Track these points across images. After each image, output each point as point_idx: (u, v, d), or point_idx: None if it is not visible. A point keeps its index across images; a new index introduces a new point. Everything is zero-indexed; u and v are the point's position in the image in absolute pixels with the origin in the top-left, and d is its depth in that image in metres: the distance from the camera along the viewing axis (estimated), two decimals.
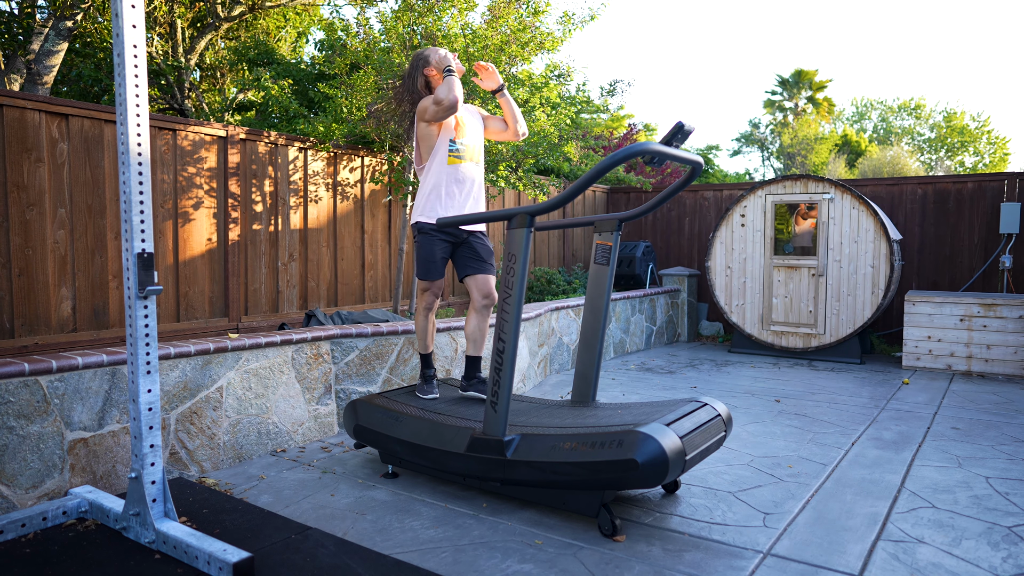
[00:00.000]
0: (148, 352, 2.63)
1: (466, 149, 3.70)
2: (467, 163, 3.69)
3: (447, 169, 3.64)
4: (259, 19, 10.93)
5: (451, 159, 3.64)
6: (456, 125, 3.68)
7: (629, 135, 16.05)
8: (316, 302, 6.28)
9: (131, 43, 2.54)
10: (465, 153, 3.69)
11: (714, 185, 9.36)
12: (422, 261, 3.71)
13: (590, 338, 3.54)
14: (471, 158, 3.72)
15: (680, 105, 77.84)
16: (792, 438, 4.22)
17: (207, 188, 5.45)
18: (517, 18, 6.18)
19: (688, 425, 2.92)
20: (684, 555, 2.65)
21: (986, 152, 31.20)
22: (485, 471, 3.07)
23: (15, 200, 4.36)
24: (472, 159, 3.72)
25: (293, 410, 4.02)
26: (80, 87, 9.85)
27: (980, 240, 7.62)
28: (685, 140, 2.92)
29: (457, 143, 3.66)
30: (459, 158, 3.66)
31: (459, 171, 3.66)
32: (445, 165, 3.64)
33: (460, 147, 3.66)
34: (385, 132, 6.46)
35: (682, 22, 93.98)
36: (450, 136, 3.65)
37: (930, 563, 2.58)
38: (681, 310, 8.63)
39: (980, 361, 6.43)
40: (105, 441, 3.21)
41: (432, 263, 3.69)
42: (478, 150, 3.79)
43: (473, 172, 3.73)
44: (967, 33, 76.59)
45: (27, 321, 4.42)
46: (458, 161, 3.65)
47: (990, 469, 3.66)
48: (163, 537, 2.59)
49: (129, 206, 2.57)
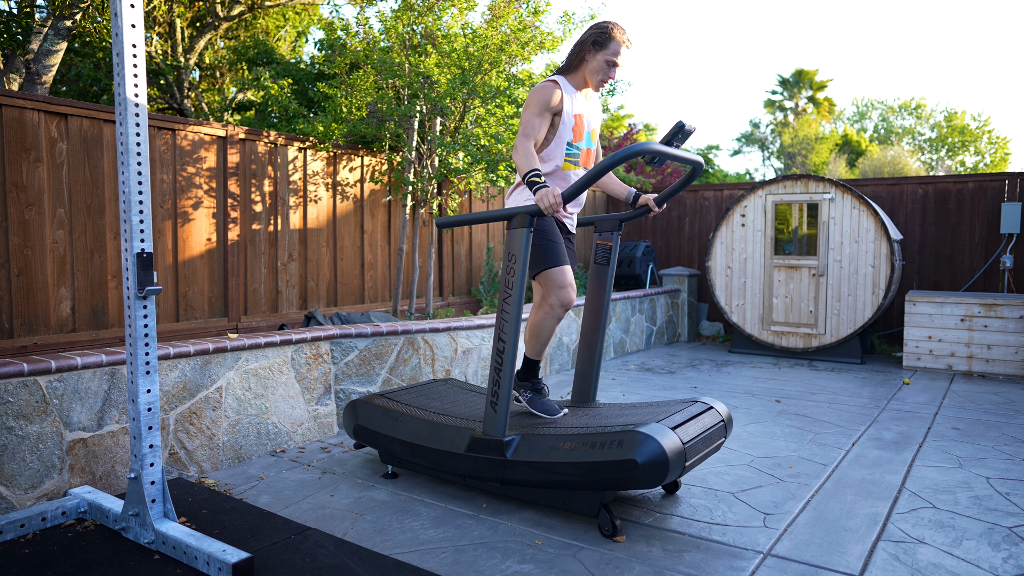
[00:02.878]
0: (147, 352, 2.63)
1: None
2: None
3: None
4: (258, 18, 10.92)
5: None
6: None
7: (629, 135, 16.05)
8: (316, 302, 6.27)
9: (130, 42, 2.53)
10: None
11: (714, 185, 9.35)
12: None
13: (590, 338, 3.54)
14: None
15: (680, 105, 77.85)
16: (792, 438, 4.22)
17: (206, 188, 5.44)
18: (517, 18, 6.18)
19: (688, 425, 2.91)
20: (684, 555, 2.64)
21: (987, 152, 31.19)
22: (485, 471, 3.06)
23: (14, 200, 4.35)
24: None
25: (293, 410, 4.02)
26: (79, 87, 9.85)
27: (981, 240, 7.61)
28: (685, 140, 2.92)
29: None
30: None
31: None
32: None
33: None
34: (385, 132, 6.46)
35: (682, 22, 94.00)
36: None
37: (931, 563, 2.58)
38: (681, 310, 8.62)
39: (981, 361, 6.42)
40: (104, 441, 3.20)
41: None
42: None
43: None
44: (967, 33, 76.60)
45: (26, 321, 4.41)
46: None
47: (991, 469, 3.66)
48: (162, 537, 2.58)
49: (128, 206, 2.56)
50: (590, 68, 3.14)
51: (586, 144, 3.27)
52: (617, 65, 3.13)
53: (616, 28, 3.10)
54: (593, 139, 3.32)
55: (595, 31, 3.11)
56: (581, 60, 3.17)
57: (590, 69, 3.14)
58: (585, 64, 3.16)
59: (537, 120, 3.07)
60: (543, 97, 3.07)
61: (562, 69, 3.24)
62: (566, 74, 3.22)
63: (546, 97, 3.07)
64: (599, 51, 3.10)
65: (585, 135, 3.24)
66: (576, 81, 3.21)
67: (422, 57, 5.94)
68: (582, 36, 3.16)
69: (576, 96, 3.19)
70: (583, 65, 3.17)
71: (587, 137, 3.26)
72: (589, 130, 3.27)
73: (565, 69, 3.23)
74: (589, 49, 3.12)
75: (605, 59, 3.10)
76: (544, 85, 3.11)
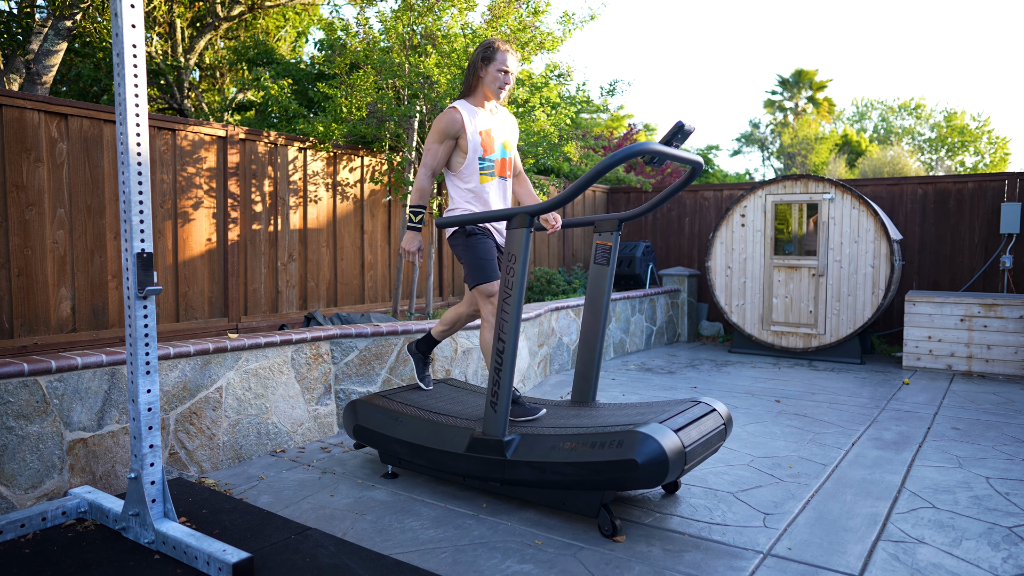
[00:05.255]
0: (147, 352, 2.63)
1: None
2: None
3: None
4: (258, 19, 10.92)
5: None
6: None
7: (629, 135, 16.05)
8: (316, 302, 6.28)
9: (130, 43, 2.53)
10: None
11: (714, 185, 9.35)
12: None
13: (590, 338, 3.54)
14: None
15: (680, 105, 77.87)
16: (792, 438, 4.22)
17: (207, 188, 5.45)
18: (517, 18, 6.18)
19: (688, 426, 2.92)
20: (684, 555, 2.64)
21: (986, 152, 31.19)
22: (485, 471, 3.06)
23: (14, 200, 4.35)
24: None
25: (293, 410, 4.02)
26: (79, 87, 9.85)
27: (980, 240, 7.61)
28: (685, 140, 2.92)
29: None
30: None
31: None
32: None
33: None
34: (385, 132, 6.46)
35: (682, 22, 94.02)
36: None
37: (930, 563, 2.58)
38: (681, 310, 8.63)
39: (980, 361, 6.42)
40: (104, 441, 3.20)
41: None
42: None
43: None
44: (967, 33, 76.62)
45: (26, 321, 4.42)
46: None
47: (990, 469, 3.66)
48: (162, 537, 2.58)
49: (128, 206, 2.56)
50: (487, 82, 3.39)
51: (499, 155, 3.47)
52: (509, 71, 3.39)
53: (498, 41, 3.41)
54: (508, 149, 3.53)
55: (481, 50, 3.39)
56: (477, 79, 3.42)
57: (487, 83, 3.39)
58: (481, 81, 3.41)
59: (436, 147, 3.36)
60: (441, 125, 3.34)
61: (462, 94, 3.47)
62: (467, 97, 3.46)
63: (444, 124, 3.33)
64: (488, 65, 3.37)
65: (497, 147, 3.46)
66: (477, 100, 3.44)
67: (422, 57, 5.94)
68: (471, 60, 3.44)
69: (479, 113, 3.42)
70: (480, 83, 3.42)
71: (500, 148, 3.48)
72: (500, 141, 3.48)
73: (465, 93, 3.46)
74: (481, 67, 3.39)
75: (496, 70, 3.36)
76: (444, 114, 3.36)
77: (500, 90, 3.40)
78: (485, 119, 3.43)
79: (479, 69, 3.39)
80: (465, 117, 3.35)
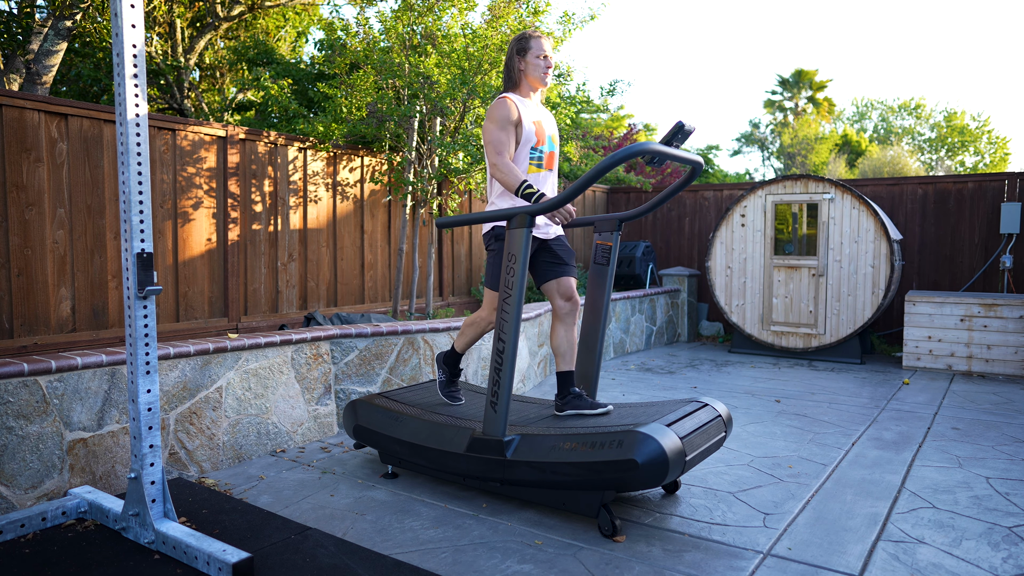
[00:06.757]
0: (147, 352, 2.63)
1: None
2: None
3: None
4: (258, 19, 10.92)
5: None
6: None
7: (629, 135, 16.05)
8: (316, 302, 6.27)
9: (130, 43, 2.53)
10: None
11: (714, 185, 9.35)
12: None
13: (590, 338, 3.54)
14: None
15: (680, 105, 77.87)
16: (792, 438, 4.22)
17: (207, 188, 5.45)
18: (517, 18, 6.18)
19: (688, 425, 2.92)
20: (684, 555, 2.64)
21: (986, 152, 31.18)
22: (485, 471, 3.06)
23: (14, 200, 4.35)
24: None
25: (293, 410, 4.02)
26: (79, 87, 9.85)
27: (980, 240, 7.61)
28: (685, 140, 2.92)
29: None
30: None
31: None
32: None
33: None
34: (385, 132, 6.46)
35: (682, 22, 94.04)
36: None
37: (930, 563, 2.58)
38: (681, 310, 8.63)
39: (980, 361, 6.42)
40: (104, 441, 3.20)
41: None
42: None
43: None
44: (967, 33, 76.63)
45: (26, 321, 4.41)
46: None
47: (990, 469, 3.66)
48: (162, 537, 2.58)
49: (128, 206, 2.56)
50: (529, 72, 3.36)
51: (549, 147, 3.42)
52: (548, 56, 3.36)
53: (529, 32, 3.40)
54: (555, 142, 3.49)
55: (515, 44, 3.38)
56: (518, 73, 3.38)
57: (530, 72, 3.35)
58: (523, 73, 3.37)
59: (503, 135, 3.25)
60: (502, 113, 3.25)
61: (506, 89, 3.43)
62: (511, 91, 3.41)
63: (502, 112, 3.26)
64: (526, 55, 3.35)
65: (547, 138, 3.41)
66: (523, 92, 3.40)
67: (422, 57, 5.94)
68: (507, 57, 3.42)
69: (528, 104, 3.37)
70: (522, 76, 3.38)
71: (549, 140, 3.42)
72: (550, 134, 3.43)
73: (508, 88, 3.42)
74: (519, 60, 3.36)
75: (535, 57, 3.34)
76: (499, 102, 3.29)
77: (544, 75, 3.35)
78: (535, 110, 3.38)
79: (518, 63, 3.35)
80: (519, 105, 3.29)
